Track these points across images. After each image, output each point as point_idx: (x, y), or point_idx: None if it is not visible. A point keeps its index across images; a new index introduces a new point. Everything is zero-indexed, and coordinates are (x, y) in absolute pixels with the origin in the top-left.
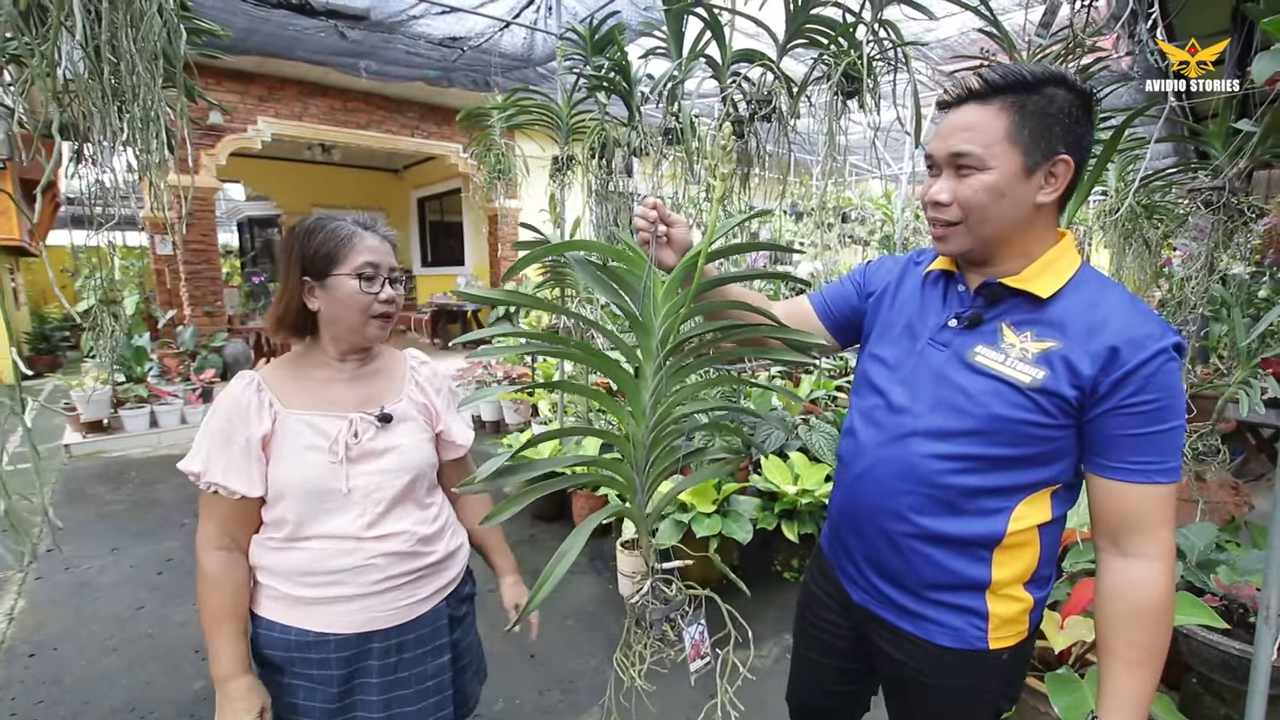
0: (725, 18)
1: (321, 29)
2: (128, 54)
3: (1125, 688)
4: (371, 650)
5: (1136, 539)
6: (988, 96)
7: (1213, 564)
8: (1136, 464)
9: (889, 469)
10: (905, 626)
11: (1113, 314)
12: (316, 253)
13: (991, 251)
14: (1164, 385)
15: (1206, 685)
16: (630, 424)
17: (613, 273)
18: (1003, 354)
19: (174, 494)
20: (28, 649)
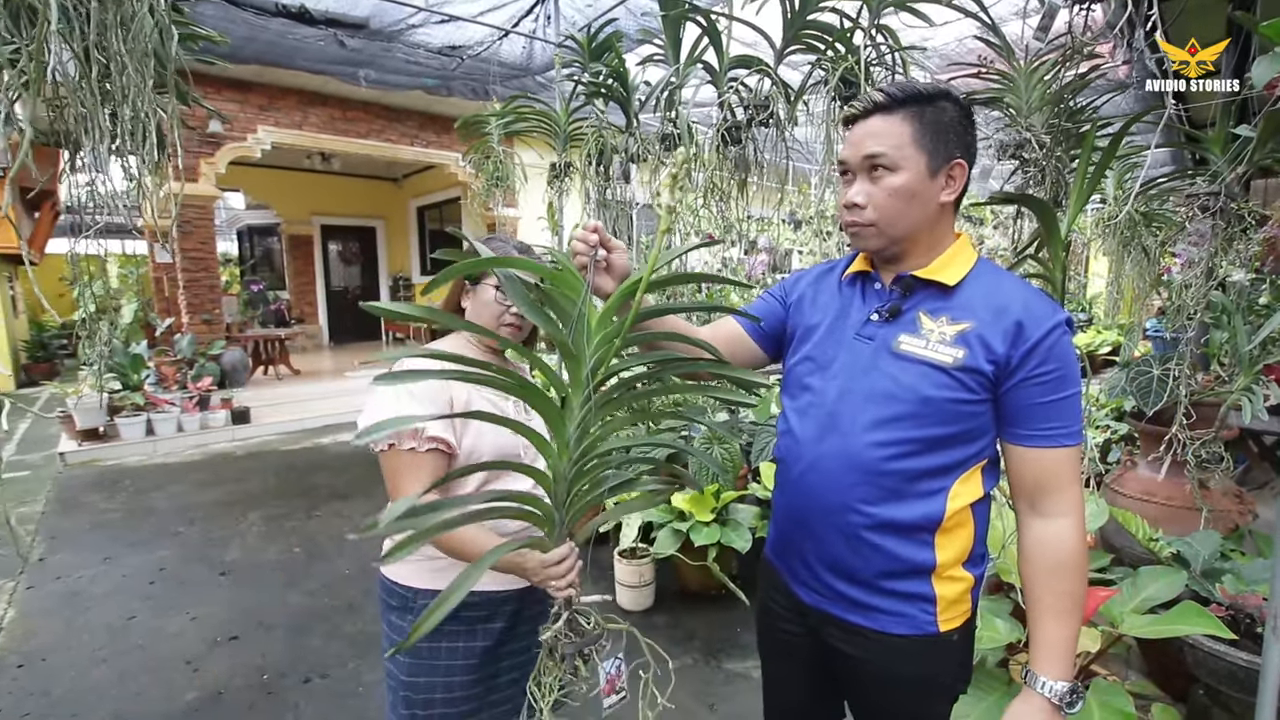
0: (723, 24)
1: (320, 38)
2: (117, 54)
3: (1054, 635)
4: (525, 604)
5: (1050, 499)
6: (891, 108)
7: (1218, 573)
8: (1046, 429)
9: (833, 463)
10: (859, 621)
11: (1013, 296)
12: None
13: (902, 248)
14: (1062, 355)
15: (1214, 697)
16: (552, 457)
17: (548, 296)
18: (924, 339)
19: (169, 503)
20: (16, 660)
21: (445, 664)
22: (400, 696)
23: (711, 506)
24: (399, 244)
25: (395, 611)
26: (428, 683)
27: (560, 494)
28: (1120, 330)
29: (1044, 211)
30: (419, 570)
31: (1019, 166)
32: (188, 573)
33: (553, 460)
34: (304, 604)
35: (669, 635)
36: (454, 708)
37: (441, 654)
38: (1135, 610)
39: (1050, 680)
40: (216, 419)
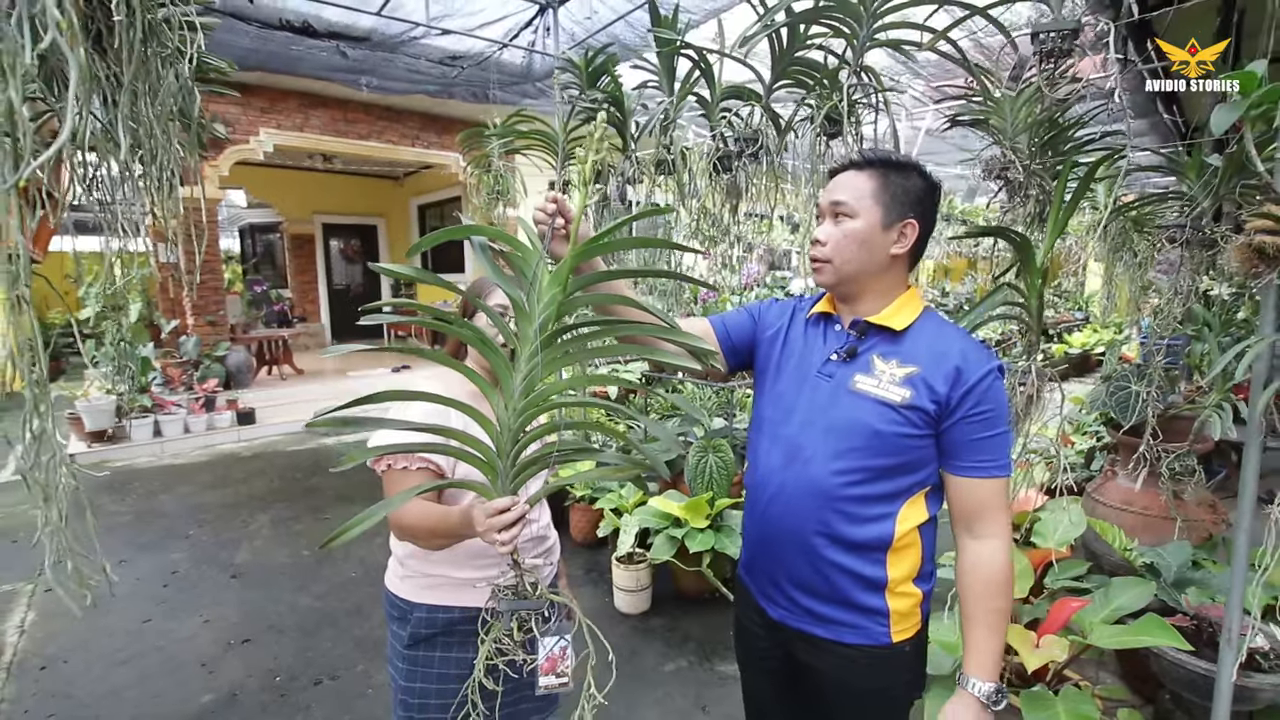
0: (714, 58)
1: (324, 49)
2: (146, 119)
3: (984, 645)
4: None
5: (982, 523)
6: (863, 167)
7: (1187, 582)
8: (980, 461)
9: (797, 489)
10: (821, 633)
11: (953, 344)
12: (472, 291)
13: (854, 290)
14: (994, 398)
15: (1178, 702)
16: (499, 406)
17: (510, 261)
18: (876, 379)
19: (178, 505)
20: (39, 662)
21: (439, 672)
22: (399, 699)
23: (706, 514)
24: (400, 242)
25: (396, 621)
26: (423, 689)
27: (504, 443)
28: (1117, 329)
29: (1020, 244)
30: (416, 586)
31: (1004, 186)
32: (199, 575)
33: (497, 409)
34: (313, 607)
35: (665, 638)
36: (446, 713)
37: (435, 663)
38: (1105, 620)
39: (980, 682)
40: (222, 420)
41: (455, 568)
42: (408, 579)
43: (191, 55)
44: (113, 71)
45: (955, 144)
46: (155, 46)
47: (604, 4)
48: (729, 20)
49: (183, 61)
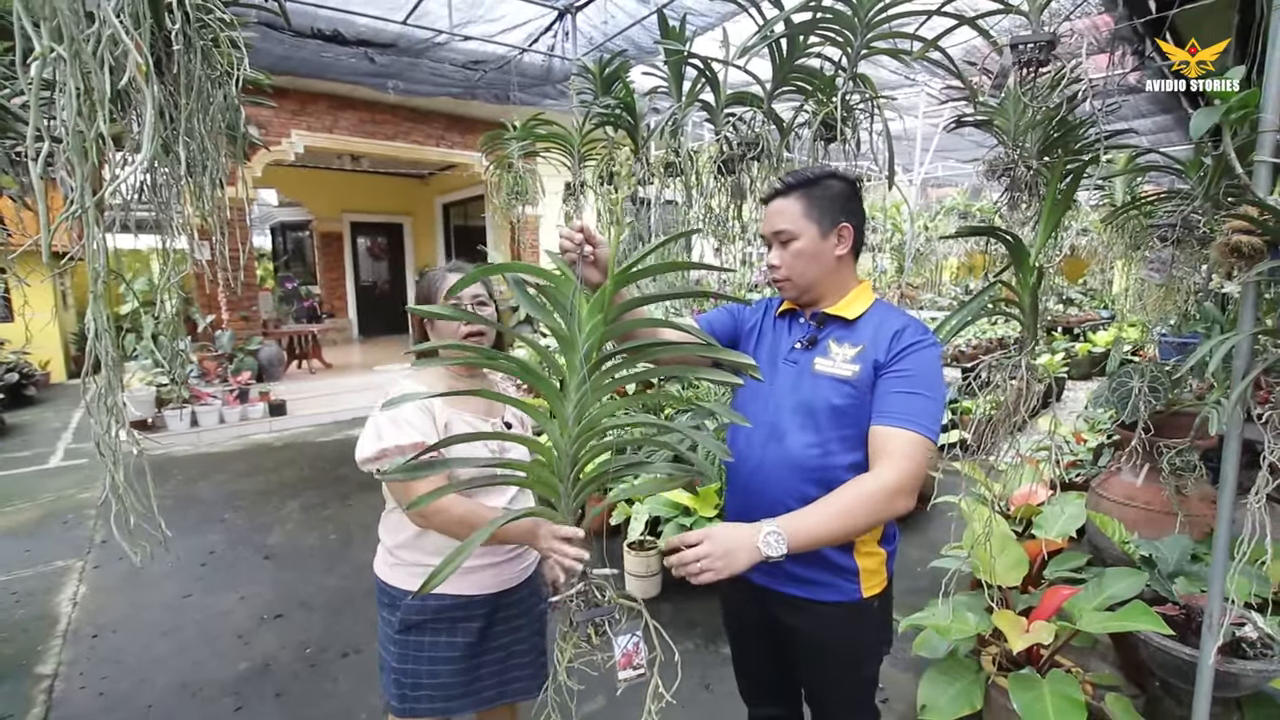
0: (718, 67)
1: (352, 55)
2: (198, 134)
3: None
4: (500, 604)
5: (881, 460)
6: (787, 193)
7: (1185, 575)
8: (893, 412)
9: (775, 463)
10: (800, 593)
11: (895, 322)
12: (421, 296)
13: (815, 295)
14: (921, 362)
15: (1166, 689)
16: (555, 434)
17: (546, 293)
18: (832, 360)
19: (214, 491)
20: (90, 630)
21: (429, 655)
22: (393, 679)
23: (715, 503)
24: (425, 240)
25: (386, 608)
26: (414, 669)
27: (563, 467)
28: (1144, 328)
29: (1012, 244)
30: (406, 574)
31: (1008, 187)
32: (235, 556)
33: (555, 435)
34: (340, 586)
35: (673, 622)
36: (439, 691)
37: (425, 647)
38: (1097, 608)
39: (773, 526)
40: (255, 411)
41: (437, 555)
42: (398, 567)
43: (238, 77)
44: (169, 93)
45: (975, 140)
46: (206, 69)
47: (620, 9)
48: (737, 27)
49: (230, 82)
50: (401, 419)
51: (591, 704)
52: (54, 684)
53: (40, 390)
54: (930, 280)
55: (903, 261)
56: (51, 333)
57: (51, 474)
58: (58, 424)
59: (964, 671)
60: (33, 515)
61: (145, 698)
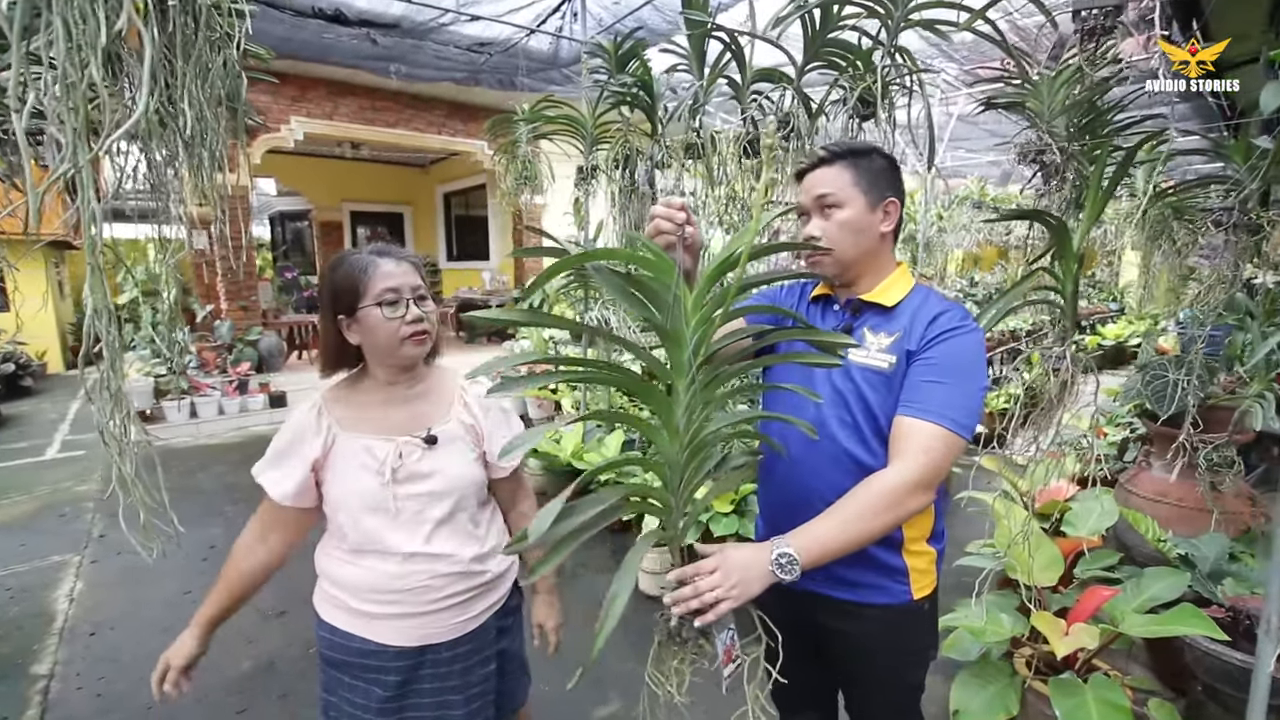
0: (745, 40)
1: (354, 36)
2: (197, 101)
3: (818, 527)
4: (425, 661)
5: (898, 454)
6: (832, 161)
7: (1224, 575)
8: (916, 402)
9: (816, 457)
10: (847, 596)
11: (935, 308)
12: (340, 289)
13: (852, 274)
14: (955, 351)
15: (1211, 694)
16: (664, 444)
17: (637, 282)
18: (866, 350)
19: (214, 483)
20: (88, 628)
21: (348, 697)
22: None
23: (730, 499)
24: (426, 229)
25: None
26: (337, 703)
27: (675, 481)
28: (1152, 321)
29: (1056, 228)
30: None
31: (1038, 170)
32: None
33: (665, 447)
34: None
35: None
36: None
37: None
38: (1137, 609)
39: (783, 541)
40: (255, 403)
41: (356, 597)
42: (320, 588)
43: (239, 41)
44: (165, 56)
45: (988, 129)
46: (205, 31)
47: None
48: (762, 3)
49: (230, 46)
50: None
51: (605, 708)
52: (50, 684)
53: (37, 381)
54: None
55: (916, 251)
56: (48, 322)
57: (48, 466)
58: (55, 415)
59: (998, 675)
60: (29, 508)
61: (144, 698)
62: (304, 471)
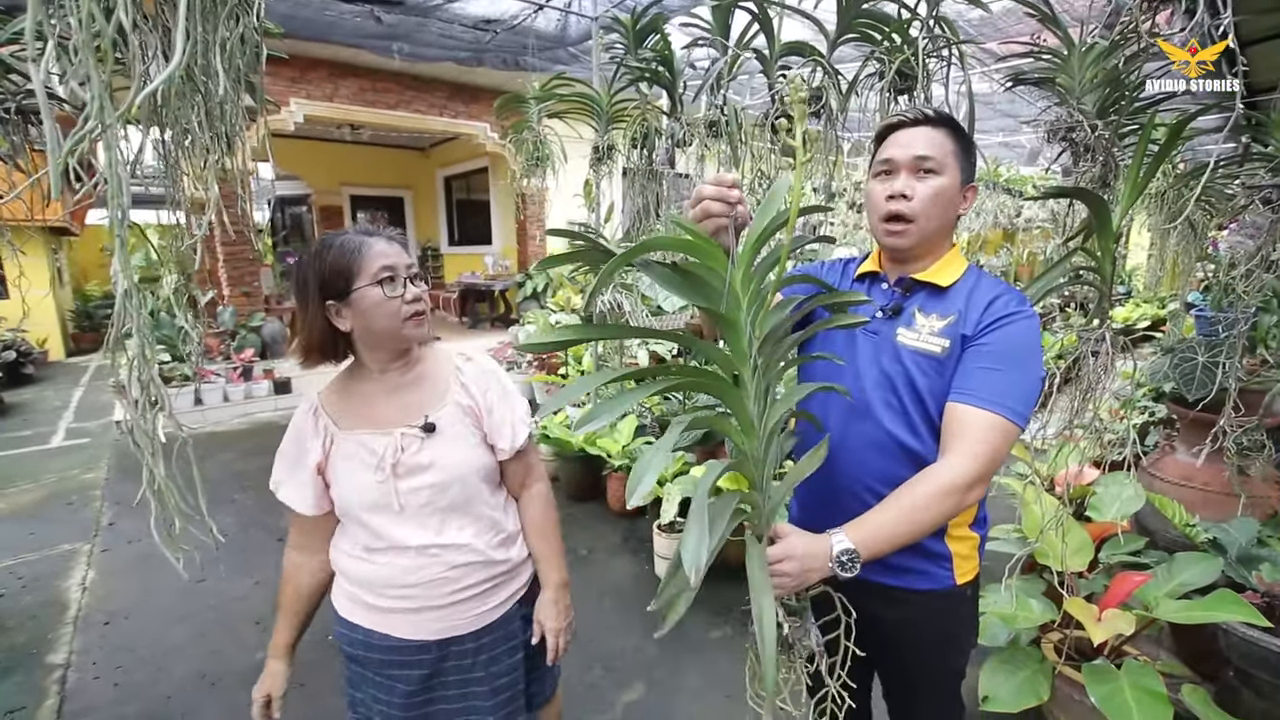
0: (774, 12)
1: (357, 13)
2: (216, 73)
3: (876, 517)
4: (449, 654)
5: (955, 445)
6: (937, 124)
7: (1254, 559)
8: (971, 390)
9: (858, 441)
10: (891, 582)
11: (992, 290)
12: (331, 271)
13: (921, 250)
14: (1012, 336)
15: (1245, 680)
16: (742, 440)
17: (685, 270)
18: (917, 332)
19: (221, 471)
20: (102, 617)
21: (373, 693)
22: (346, 700)
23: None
24: (427, 214)
25: None
26: (363, 699)
27: (761, 477)
28: (1160, 304)
29: (1097, 206)
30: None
31: (1067, 148)
32: (247, 539)
33: (744, 443)
34: None
35: (708, 606)
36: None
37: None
38: (1170, 595)
39: (844, 538)
40: (260, 389)
41: (371, 590)
42: (337, 586)
43: (259, 9)
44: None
45: (1002, 110)
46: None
47: None
48: None
49: (250, 14)
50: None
51: (630, 693)
52: (66, 674)
53: (39, 369)
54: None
55: None
56: (49, 310)
57: (54, 454)
58: (58, 403)
59: (1028, 661)
60: (36, 497)
61: (163, 688)
62: (314, 478)
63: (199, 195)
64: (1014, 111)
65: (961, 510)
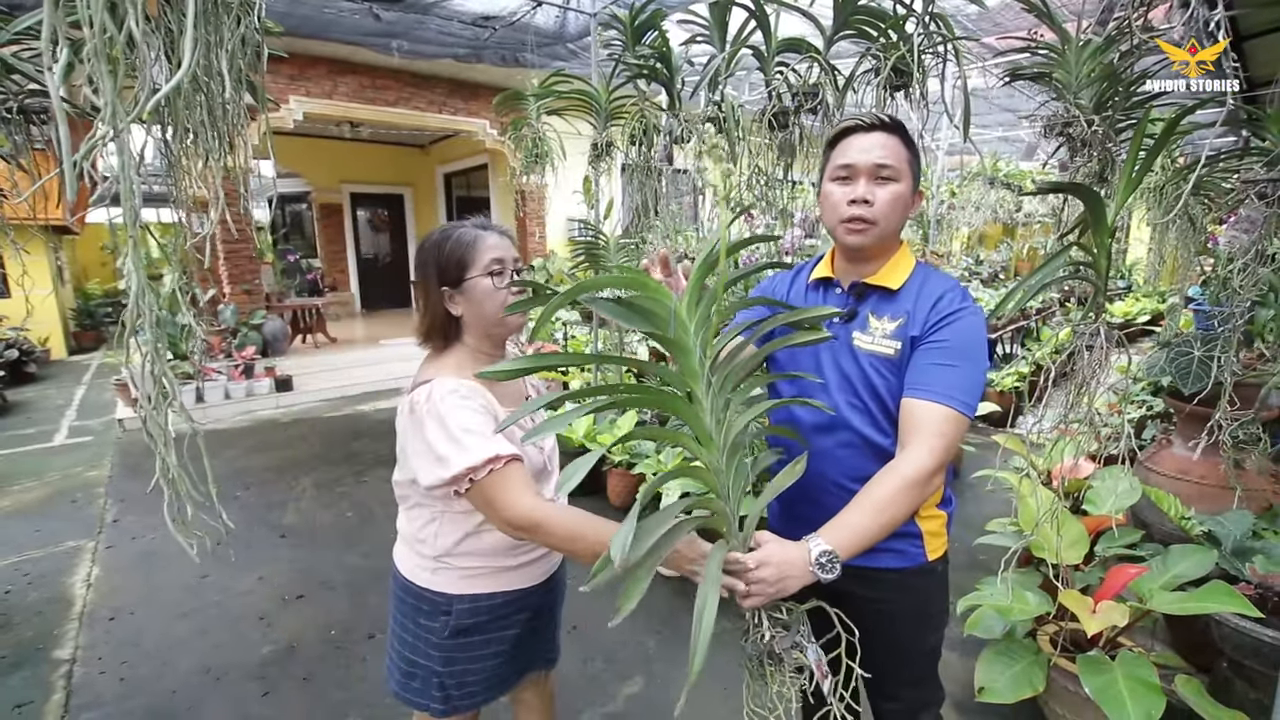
0: (771, 8)
1: (356, 10)
2: (218, 71)
3: (846, 518)
4: (544, 595)
5: (913, 439)
6: (892, 131)
7: (1248, 552)
8: (925, 386)
9: (828, 441)
10: (865, 563)
11: (939, 286)
12: (449, 261)
13: (877, 252)
14: (962, 332)
15: (1237, 670)
16: (702, 454)
17: (630, 303)
18: (871, 335)
19: (224, 468)
20: (107, 613)
21: (480, 654)
22: (435, 682)
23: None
24: (427, 211)
25: (425, 615)
26: (463, 669)
27: (723, 488)
28: (1160, 298)
29: (1092, 201)
30: (454, 578)
31: (1063, 143)
32: (251, 535)
33: (704, 456)
34: (360, 565)
35: None
36: (481, 684)
37: (475, 646)
38: (1164, 587)
39: (821, 541)
40: (261, 387)
41: (500, 556)
42: (443, 571)
43: (259, 9)
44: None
45: (1002, 105)
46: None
47: None
48: None
49: (251, 15)
50: (461, 432)
51: (631, 685)
52: (73, 668)
53: (41, 367)
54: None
55: (928, 230)
56: (50, 308)
57: (57, 452)
58: (61, 401)
59: (1023, 653)
60: (41, 494)
61: (168, 682)
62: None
63: (200, 194)
64: (1013, 106)
65: (929, 496)
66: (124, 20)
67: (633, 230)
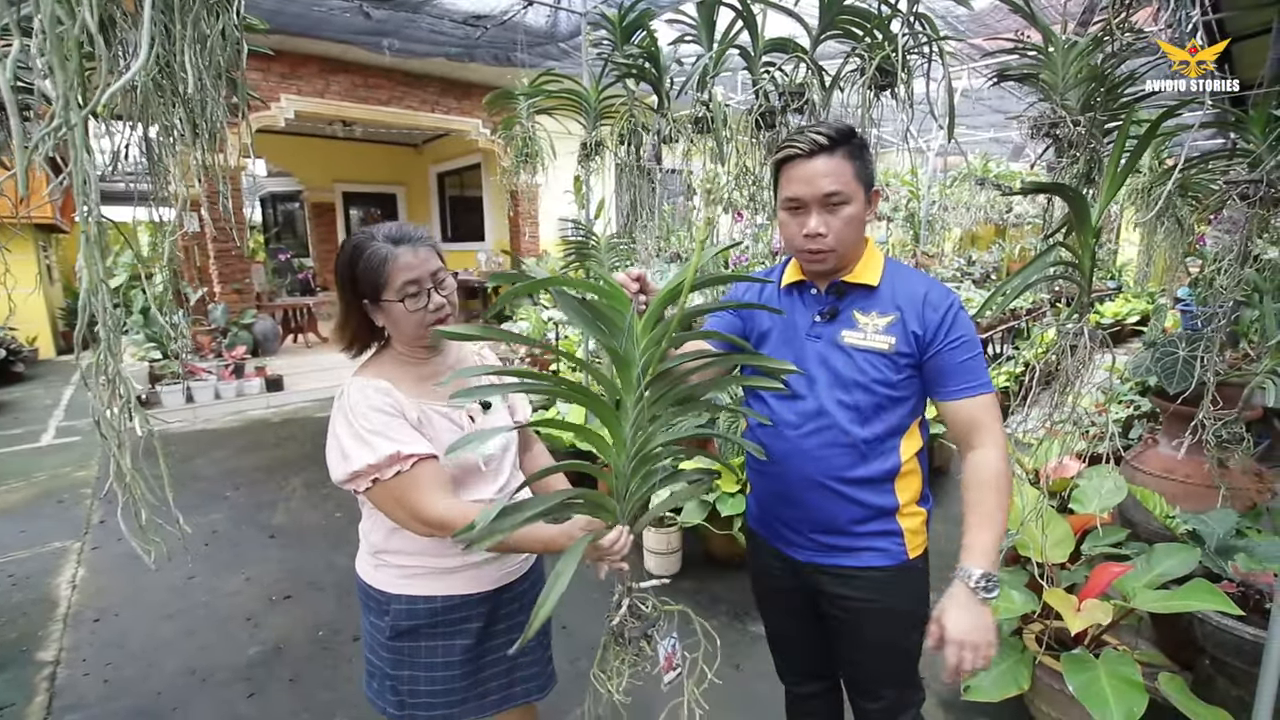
0: (757, 8)
1: (347, 9)
2: (196, 67)
3: (979, 539)
4: (503, 600)
5: (978, 435)
6: (832, 150)
7: (1232, 550)
8: (968, 384)
9: (814, 441)
10: (847, 563)
11: (918, 287)
12: (361, 280)
13: (844, 264)
14: (964, 324)
15: (1220, 668)
16: (611, 454)
17: (593, 306)
18: (861, 332)
19: (214, 468)
20: (92, 614)
21: (426, 661)
22: (388, 685)
23: (737, 479)
24: (420, 210)
25: (373, 613)
26: (411, 675)
27: (621, 489)
28: (1150, 299)
29: (1076, 201)
30: (391, 576)
31: (1051, 145)
32: (239, 535)
33: (611, 457)
34: (349, 566)
35: (695, 600)
36: (438, 698)
37: (421, 652)
38: (1148, 585)
39: (972, 569)
40: (252, 386)
41: (434, 556)
42: (382, 569)
43: (238, 6)
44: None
45: (991, 105)
46: None
47: None
48: None
49: (230, 12)
50: (366, 431)
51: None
52: (56, 670)
53: (29, 367)
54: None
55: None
56: (38, 307)
57: (44, 452)
58: (49, 401)
59: (1009, 651)
60: (27, 495)
61: (153, 684)
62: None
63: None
64: (1003, 107)
65: None
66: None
67: (623, 230)
